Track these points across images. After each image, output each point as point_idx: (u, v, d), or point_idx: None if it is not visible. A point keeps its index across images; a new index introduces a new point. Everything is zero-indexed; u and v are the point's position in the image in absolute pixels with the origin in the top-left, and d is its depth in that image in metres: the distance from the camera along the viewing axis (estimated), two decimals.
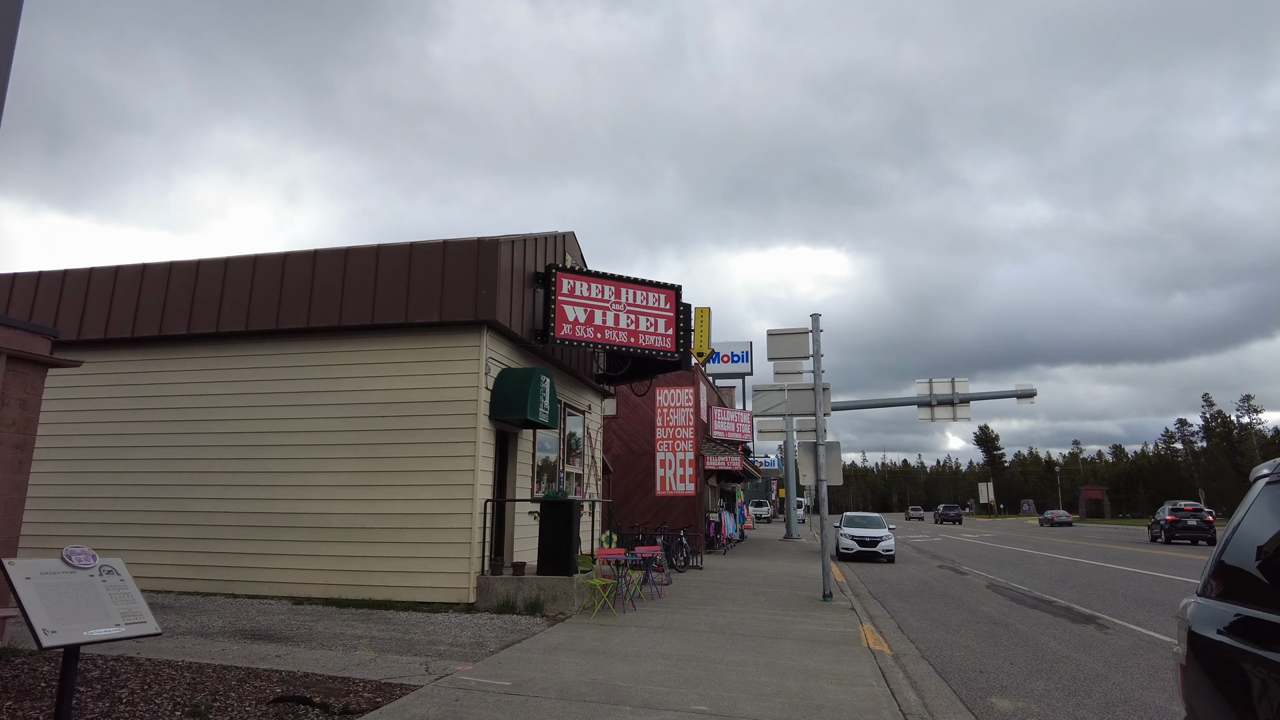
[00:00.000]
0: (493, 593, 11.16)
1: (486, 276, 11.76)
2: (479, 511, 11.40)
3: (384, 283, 12.12)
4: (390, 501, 11.67)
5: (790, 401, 14.17)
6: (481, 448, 11.59)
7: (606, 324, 13.52)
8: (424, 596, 11.26)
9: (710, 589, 14.74)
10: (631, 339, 13.74)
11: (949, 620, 12.24)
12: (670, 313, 14.24)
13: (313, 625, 9.48)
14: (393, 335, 12.21)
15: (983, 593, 16.32)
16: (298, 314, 12.38)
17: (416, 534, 11.47)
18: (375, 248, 12.35)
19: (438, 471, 11.58)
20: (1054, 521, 69.11)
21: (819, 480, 13.65)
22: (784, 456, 43.25)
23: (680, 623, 10.50)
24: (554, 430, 14.81)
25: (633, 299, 13.89)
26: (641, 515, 25.20)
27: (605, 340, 13.44)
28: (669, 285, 14.32)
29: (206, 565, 12.19)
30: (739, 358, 41.30)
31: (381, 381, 12.12)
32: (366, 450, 11.93)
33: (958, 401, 36.20)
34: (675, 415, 25.98)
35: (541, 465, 14.51)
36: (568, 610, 10.92)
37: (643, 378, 16.30)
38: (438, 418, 11.75)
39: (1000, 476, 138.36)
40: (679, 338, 14.19)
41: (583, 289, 13.41)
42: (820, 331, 14.15)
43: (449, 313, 11.79)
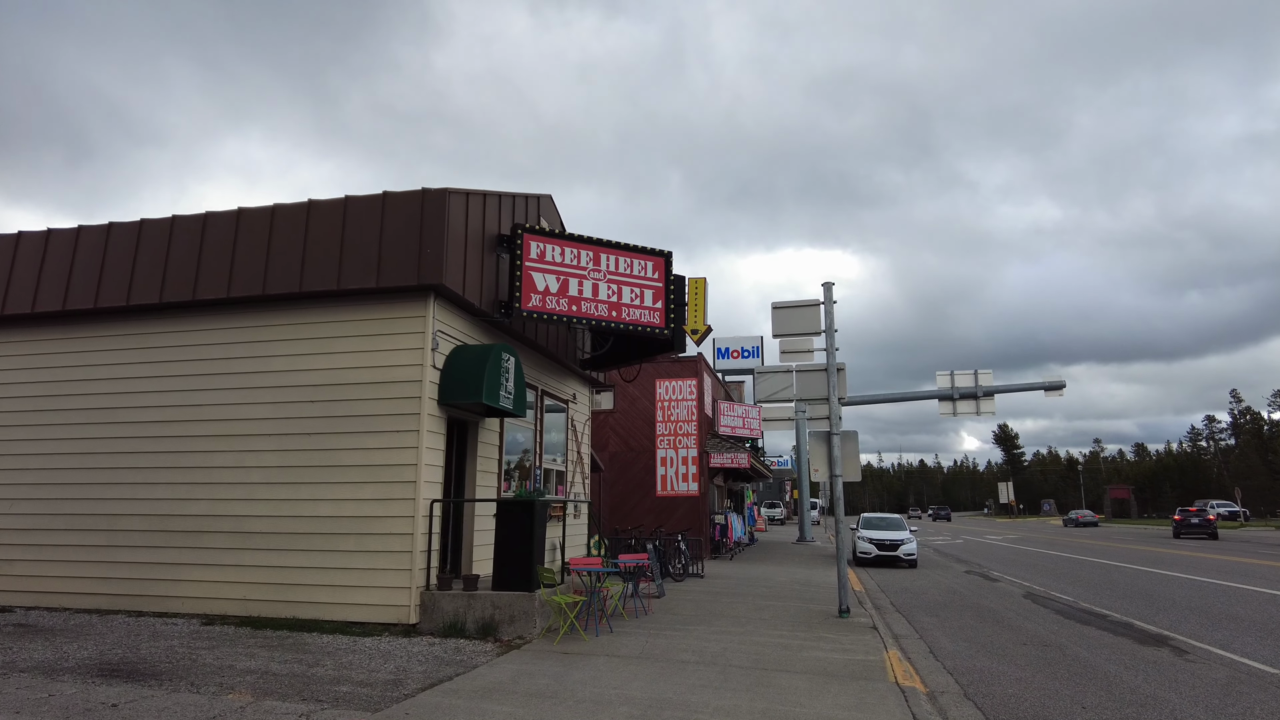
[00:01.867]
0: (439, 612, 9.27)
1: (433, 233, 9.88)
2: (423, 514, 9.51)
3: (315, 244, 10.27)
4: (319, 502, 9.80)
5: (799, 384, 12.19)
6: (427, 438, 9.70)
7: (584, 295, 11.60)
8: (357, 615, 9.38)
9: (708, 602, 12.78)
10: (613, 313, 11.81)
11: (991, 642, 10.22)
12: (659, 283, 12.31)
13: (202, 655, 7.61)
14: (324, 305, 10.35)
15: (1021, 604, 14.26)
16: (217, 282, 10.54)
17: (349, 540, 9.60)
18: (306, 204, 10.50)
19: (374, 466, 9.71)
20: (1079, 522, 66.41)
21: (833, 475, 11.66)
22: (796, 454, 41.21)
23: (663, 650, 8.55)
24: (527, 421, 12.91)
25: (615, 266, 11.97)
26: (641, 518, 23.28)
27: (582, 314, 11.52)
28: (658, 251, 12.38)
29: (111, 578, 10.37)
30: (749, 353, 39.29)
31: (311, 360, 10.25)
32: (294, 442, 10.08)
33: (981, 395, 34.02)
34: (677, 409, 24.04)
35: (513, 462, 12.61)
36: (528, 633, 9.01)
37: (630, 361, 14.38)
38: (375, 402, 9.88)
39: (1019, 476, 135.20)
40: (670, 311, 12.26)
41: (555, 254, 11.50)
42: (834, 303, 12.17)
43: (388, 276, 9.92)
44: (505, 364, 10.46)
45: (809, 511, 35.84)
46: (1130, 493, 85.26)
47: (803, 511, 35.74)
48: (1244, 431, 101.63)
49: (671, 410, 24.08)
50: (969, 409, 33.74)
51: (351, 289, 10.04)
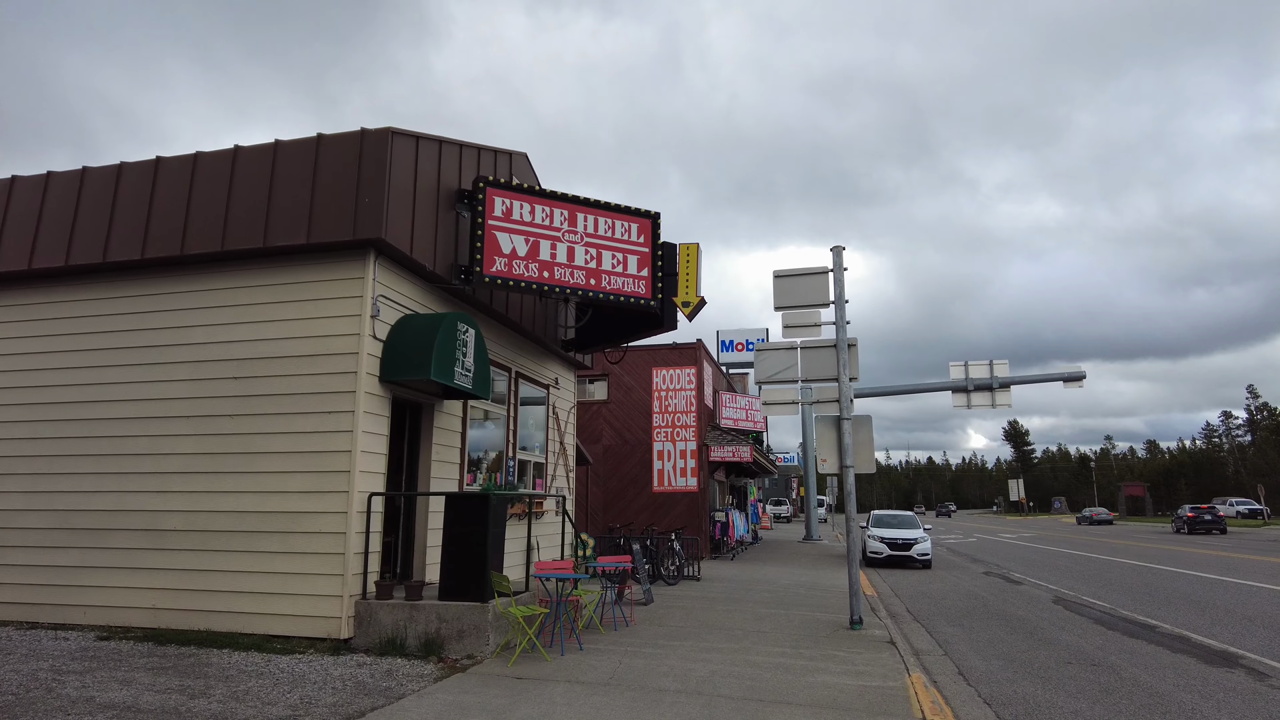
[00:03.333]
0: (376, 625, 7.82)
1: (372, 181, 8.42)
2: (358, 509, 8.06)
3: (240, 197, 8.83)
4: (242, 495, 8.37)
5: (805, 363, 10.69)
6: (365, 420, 8.26)
7: (557, 259, 10.13)
8: (281, 628, 7.95)
9: (702, 611, 11.31)
10: (592, 281, 10.34)
11: (1030, 660, 8.72)
12: (645, 248, 10.83)
13: (66, 683, 6.18)
14: (249, 267, 8.91)
15: (1053, 611, 12.74)
16: (130, 242, 9.12)
17: (273, 540, 8.17)
18: (232, 150, 9.06)
19: (303, 453, 8.27)
20: (1094, 520, 64.56)
21: (844, 466, 10.16)
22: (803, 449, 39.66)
23: (639, 674, 7.08)
24: (496, 405, 11.46)
25: (594, 228, 10.50)
26: (636, 515, 21.83)
27: (555, 280, 10.05)
28: (643, 212, 10.90)
29: (1, 584, 8.97)
30: (754, 346, 37.82)
31: (234, 331, 8.82)
32: (214, 424, 8.65)
33: (996, 386, 32.33)
34: (675, 399, 22.56)
35: (481, 452, 11.16)
36: (479, 651, 7.55)
37: (617, 341, 12.90)
38: (305, 379, 8.44)
39: (1030, 474, 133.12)
40: (657, 281, 10.78)
41: (524, 212, 10.03)
42: (845, 270, 10.66)
43: (321, 231, 8.47)
44: (462, 336, 9.00)
45: (815, 509, 34.32)
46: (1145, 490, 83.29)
47: (809, 509, 34.23)
48: (1261, 428, 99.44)
49: (669, 400, 22.60)
50: (984, 401, 32.03)
51: (279, 246, 8.59)
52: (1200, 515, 42.28)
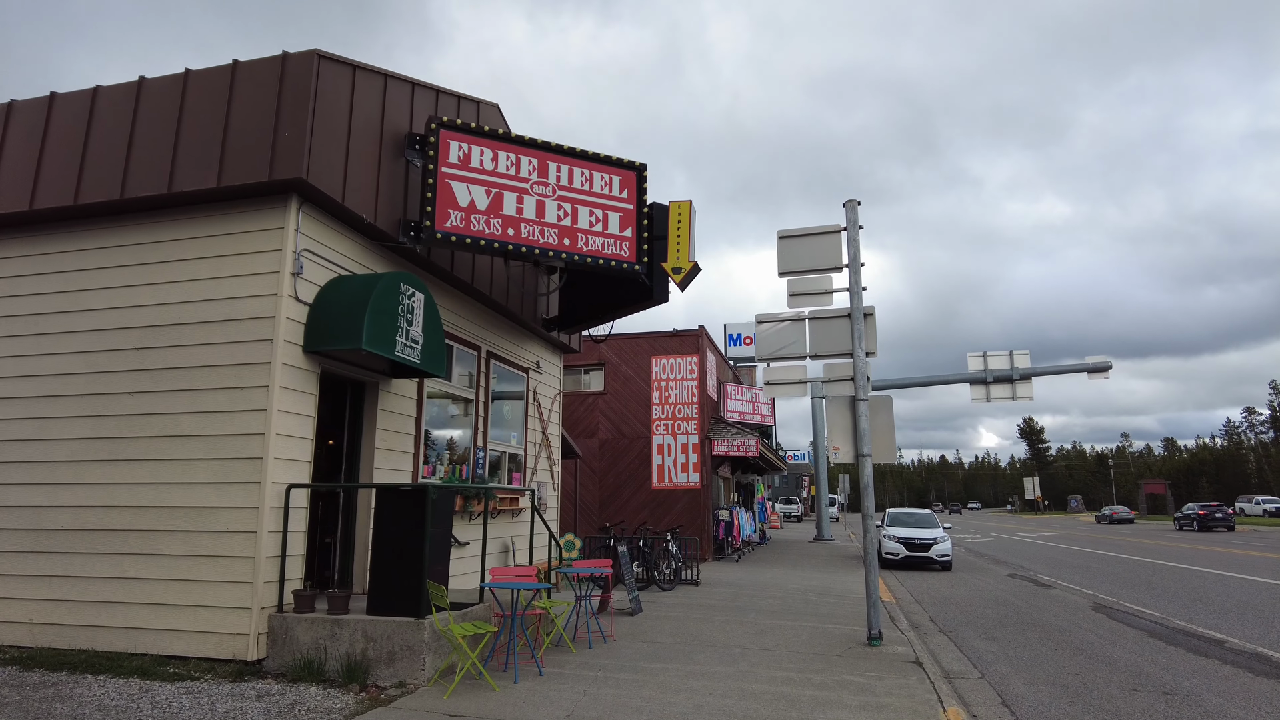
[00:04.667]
0: (292, 643, 6.43)
1: (294, 113, 7.04)
2: (273, 504, 6.68)
3: (144, 137, 7.46)
4: (141, 488, 7.01)
5: (814, 336, 9.24)
6: (283, 397, 6.87)
7: (524, 214, 8.72)
8: (178, 647, 6.58)
9: (696, 622, 9.87)
10: (566, 240, 8.92)
11: (1084, 685, 7.24)
12: (629, 205, 9.41)
13: None
14: (153, 220, 7.55)
15: (1095, 621, 11.23)
16: (14, 192, 7.77)
17: (175, 541, 6.80)
18: (136, 83, 7.70)
19: (210, 438, 6.90)
20: (1114, 518, 62.58)
21: (860, 455, 8.70)
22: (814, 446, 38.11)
23: (603, 712, 5.66)
24: (463, 388, 10.07)
25: (568, 180, 9.08)
26: (635, 513, 20.42)
27: (521, 239, 8.64)
28: (627, 163, 9.49)
29: None
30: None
31: (134, 295, 7.46)
32: (111, 405, 7.29)
33: (1018, 378, 30.73)
34: (675, 390, 21.12)
35: (443, 440, 9.78)
36: (413, 677, 6.15)
37: (599, 317, 11.47)
38: (214, 349, 7.07)
39: (1045, 472, 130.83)
40: (642, 243, 9.35)
41: (485, 159, 8.63)
42: (860, 228, 9.21)
43: (234, 172, 7.09)
44: (406, 300, 7.60)
45: (827, 508, 32.80)
46: (1166, 488, 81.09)
47: (820, 506, 32.69)
48: None
49: (669, 391, 21.17)
50: (1004, 394, 30.47)
51: (187, 193, 7.22)
52: (1211, 513, 42.50)
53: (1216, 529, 41.95)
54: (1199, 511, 43.23)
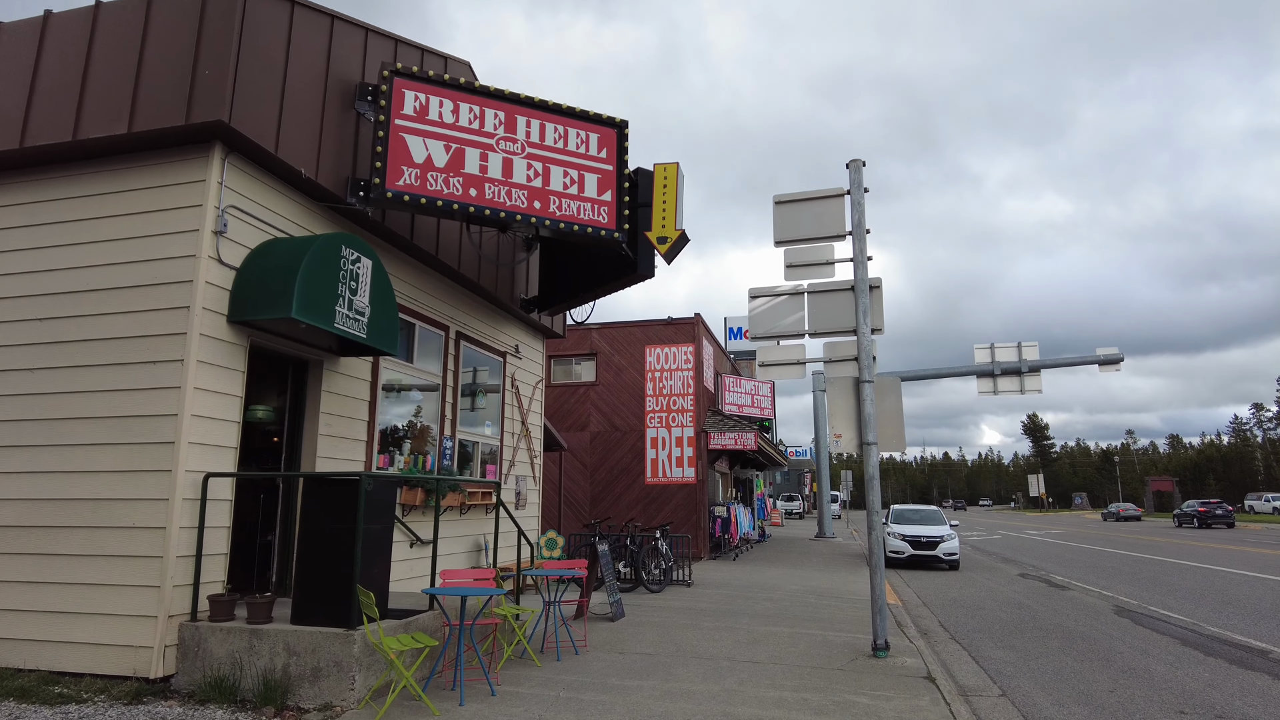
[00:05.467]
0: (206, 657, 5.54)
1: (218, 48, 6.12)
2: (186, 495, 5.78)
3: (48, 79, 6.55)
4: (39, 478, 6.11)
5: (814, 312, 8.31)
6: (201, 373, 5.97)
7: (489, 174, 7.80)
8: (74, 662, 5.69)
9: (683, 628, 8.97)
10: (536, 204, 8.00)
11: (1121, 707, 6.32)
12: (608, 166, 8.48)
13: None
14: (59, 173, 6.64)
15: (1119, 626, 10.31)
16: None
17: (76, 539, 5.90)
18: (41, 18, 6.78)
19: (118, 419, 6.00)
20: (1120, 516, 61.59)
21: (864, 444, 7.78)
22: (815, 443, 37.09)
23: None
24: (427, 370, 9.17)
25: (539, 136, 8.15)
26: (627, 510, 19.51)
27: (484, 201, 7.72)
28: (606, 119, 8.55)
29: None
30: None
31: (36, 259, 6.55)
32: (8, 383, 6.39)
33: (1026, 371, 29.77)
34: (670, 380, 20.20)
35: (404, 428, 8.87)
36: (340, 698, 5.25)
37: (581, 295, 10.54)
38: (125, 319, 6.16)
39: (1049, 469, 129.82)
40: (623, 208, 8.43)
41: (445, 111, 7.71)
42: (865, 191, 8.28)
43: (147, 116, 6.18)
44: (350, 265, 6.69)
45: (829, 504, 31.87)
46: (1174, 485, 79.99)
47: (822, 502, 31.78)
48: None
49: (664, 382, 20.24)
50: (1012, 387, 29.52)
51: (94, 140, 6.31)
52: (1211, 510, 42.87)
53: (1216, 526, 42.16)
54: (1199, 509, 43.54)
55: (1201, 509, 43.32)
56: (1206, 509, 43.01)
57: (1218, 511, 42.42)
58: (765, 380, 26.63)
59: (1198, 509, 43.68)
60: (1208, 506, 43.26)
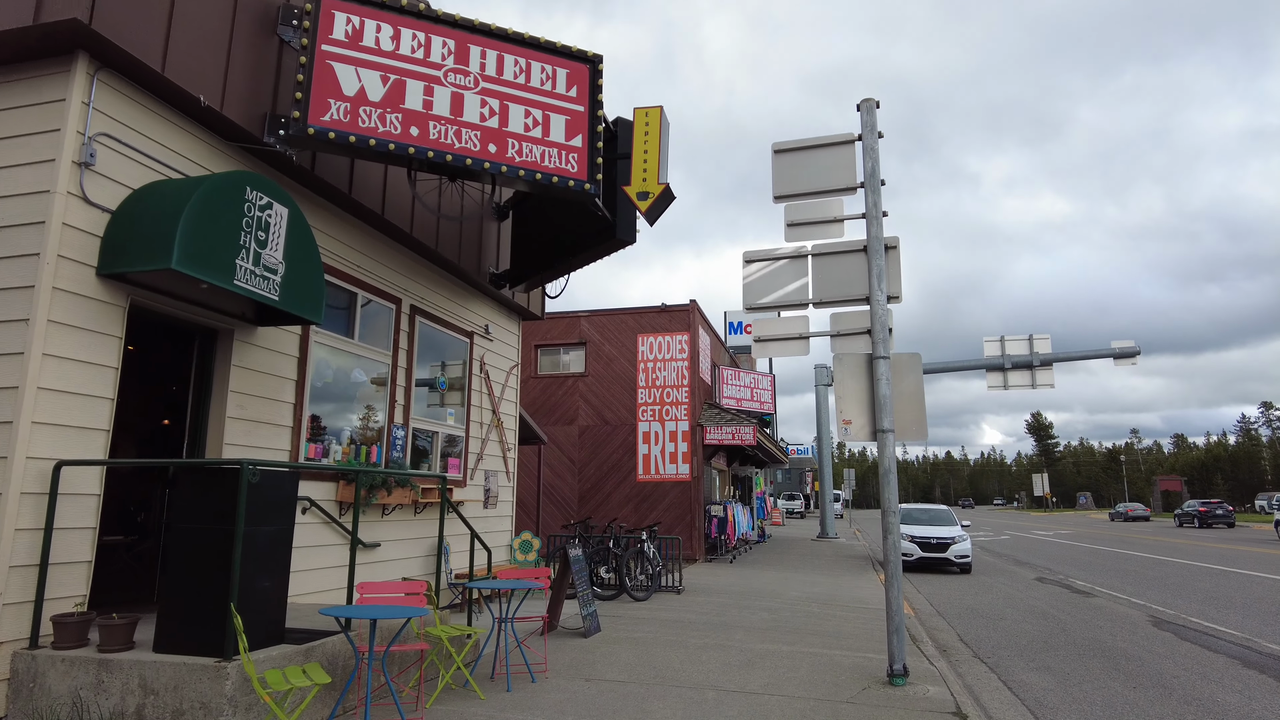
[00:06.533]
0: (44, 695, 4.34)
1: None
2: (26, 489, 4.59)
3: None
4: None
5: (819, 278, 7.10)
6: (56, 336, 4.77)
7: (434, 111, 6.59)
8: None
9: (665, 648, 7.77)
10: (492, 147, 6.79)
11: None
12: (579, 107, 7.27)
13: None
14: None
15: (1163, 642, 9.12)
16: None
17: None
18: None
19: None
20: (1128, 516, 60.34)
21: (879, 431, 6.57)
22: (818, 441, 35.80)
23: None
24: (377, 350, 7.96)
25: (496, 69, 6.95)
26: (617, 508, 18.32)
27: (428, 142, 6.51)
28: (577, 52, 7.34)
29: None
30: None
31: None
32: None
33: (1037, 364, 28.52)
34: (664, 371, 19.00)
35: (343, 412, 7.68)
36: None
37: (545, 266, 9.30)
38: None
39: (1052, 469, 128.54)
40: (595, 155, 7.21)
41: (382, 36, 6.50)
42: (880, 137, 7.07)
43: None
44: (257, 213, 5.48)
45: (831, 503, 30.66)
46: (1182, 484, 78.75)
47: (824, 500, 30.58)
48: None
49: (657, 373, 19.04)
50: (1023, 381, 28.28)
51: None
52: (1212, 510, 43.57)
53: (1216, 525, 43.11)
54: (1199, 509, 44.27)
55: (1202, 509, 43.90)
56: (1207, 509, 44.05)
57: (1218, 511, 43.60)
58: (765, 374, 25.41)
59: (1198, 509, 44.26)
60: (1208, 506, 44.28)
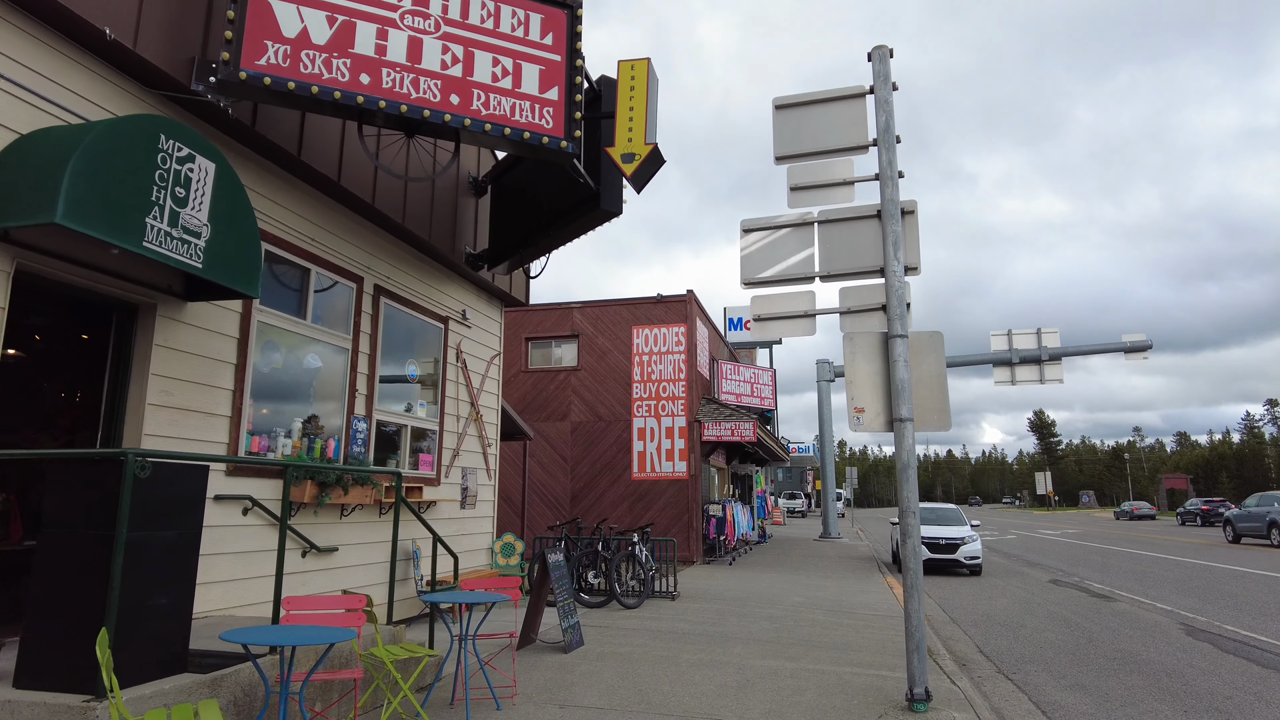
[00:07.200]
0: None
1: None
2: None
3: None
4: None
5: (825, 246, 6.29)
6: None
7: (389, 57, 5.78)
8: None
9: (653, 665, 6.96)
10: (454, 98, 5.98)
11: None
12: (555, 57, 6.45)
13: None
14: None
15: (1203, 654, 8.31)
16: None
17: None
18: None
19: None
20: (1134, 515, 59.52)
21: (897, 420, 5.75)
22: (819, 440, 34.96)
23: None
24: (335, 332, 7.16)
25: (460, 13, 6.13)
26: (611, 508, 17.52)
27: (381, 91, 5.70)
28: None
29: None
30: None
31: None
32: None
33: (1046, 359, 27.73)
34: (660, 365, 18.18)
35: (295, 400, 6.87)
36: None
37: (523, 242, 8.48)
38: None
39: (1055, 467, 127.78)
40: (573, 109, 6.40)
41: None
42: (894, 88, 6.25)
43: None
44: (174, 165, 4.68)
45: (834, 502, 29.86)
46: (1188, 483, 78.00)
47: (827, 499, 29.78)
48: None
49: (653, 366, 18.23)
50: (1030, 376, 27.50)
51: None
52: (1215, 508, 43.88)
53: (1218, 524, 44.13)
54: (1202, 507, 44.71)
55: (1205, 507, 44.16)
56: (1209, 507, 44.26)
57: (1221, 510, 43.82)
58: (766, 368, 24.60)
59: (1200, 507, 44.63)
60: (1210, 505, 44.51)
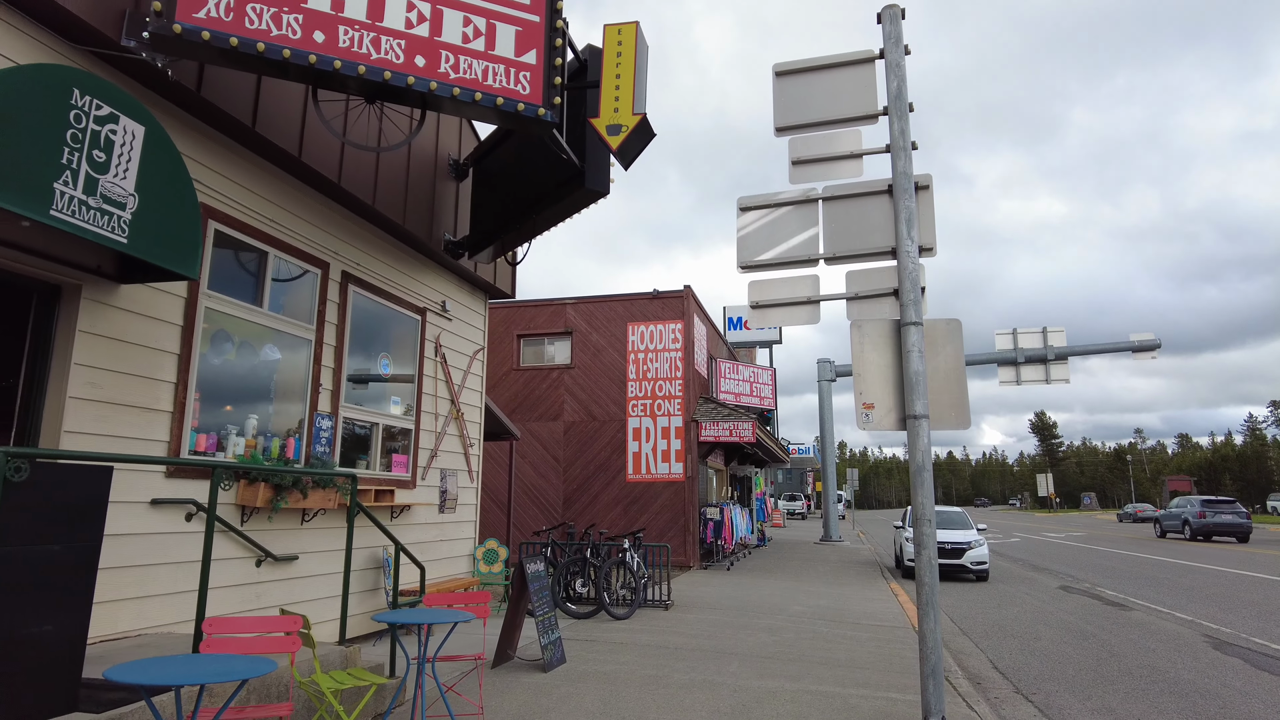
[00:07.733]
0: None
1: None
2: None
3: None
4: None
5: (831, 225, 5.70)
6: None
7: (345, 13, 5.19)
8: None
9: (639, 687, 6.37)
10: (419, 59, 5.39)
11: None
12: (533, 17, 5.86)
13: None
14: None
15: (1235, 671, 7.73)
16: None
17: None
18: None
19: None
20: (1138, 517, 58.94)
21: (911, 417, 5.16)
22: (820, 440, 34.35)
23: None
24: (298, 323, 6.56)
25: None
26: (605, 511, 16.93)
27: (337, 51, 5.11)
28: None
29: None
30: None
31: None
32: None
33: (1052, 358, 27.14)
34: (655, 363, 17.59)
35: (250, 396, 6.27)
36: None
37: (504, 226, 7.88)
38: None
39: (1056, 469, 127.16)
40: (553, 75, 5.80)
41: None
42: (907, 53, 5.66)
43: None
44: (91, 125, 4.09)
45: (835, 505, 29.25)
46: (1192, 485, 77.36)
47: (828, 501, 29.17)
48: None
49: (649, 364, 17.64)
50: (1036, 375, 26.93)
51: None
52: None
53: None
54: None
55: None
56: None
57: None
58: (766, 367, 24.01)
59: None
60: None
